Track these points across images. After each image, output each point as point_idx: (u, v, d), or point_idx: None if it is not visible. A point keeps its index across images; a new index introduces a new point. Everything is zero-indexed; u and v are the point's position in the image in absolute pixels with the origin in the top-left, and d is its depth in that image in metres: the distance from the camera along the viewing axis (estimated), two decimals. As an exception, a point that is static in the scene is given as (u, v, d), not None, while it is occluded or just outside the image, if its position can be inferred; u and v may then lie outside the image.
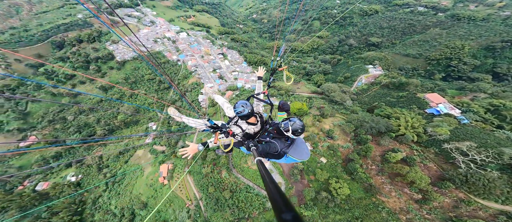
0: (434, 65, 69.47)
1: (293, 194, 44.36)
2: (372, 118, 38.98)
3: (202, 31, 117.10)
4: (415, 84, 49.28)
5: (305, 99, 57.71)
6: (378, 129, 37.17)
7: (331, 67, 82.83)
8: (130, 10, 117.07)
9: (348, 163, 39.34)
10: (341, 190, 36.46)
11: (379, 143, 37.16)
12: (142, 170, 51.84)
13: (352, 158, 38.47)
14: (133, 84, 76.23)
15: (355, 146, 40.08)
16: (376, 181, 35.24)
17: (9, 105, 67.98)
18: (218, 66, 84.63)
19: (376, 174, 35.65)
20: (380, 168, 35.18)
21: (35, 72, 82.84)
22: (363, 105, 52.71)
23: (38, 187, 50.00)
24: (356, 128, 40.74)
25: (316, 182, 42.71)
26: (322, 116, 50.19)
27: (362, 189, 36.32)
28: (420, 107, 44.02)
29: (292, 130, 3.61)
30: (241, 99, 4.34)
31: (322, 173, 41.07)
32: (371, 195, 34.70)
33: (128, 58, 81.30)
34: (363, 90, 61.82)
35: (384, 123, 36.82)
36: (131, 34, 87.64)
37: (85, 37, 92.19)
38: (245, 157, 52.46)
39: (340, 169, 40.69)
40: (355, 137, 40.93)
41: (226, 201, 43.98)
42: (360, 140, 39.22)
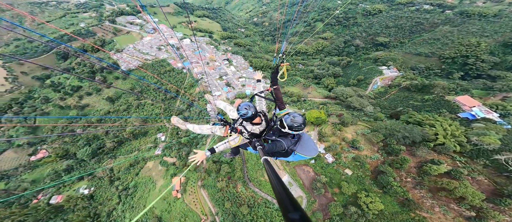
0: (449, 63, 66.26)
1: (316, 209, 40.71)
2: (404, 126, 35.43)
3: (205, 36, 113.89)
4: (442, 86, 45.74)
5: (321, 107, 54.13)
6: (412, 139, 33.58)
7: (341, 70, 79.39)
8: (133, 17, 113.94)
9: (378, 175, 35.80)
10: (373, 205, 32.92)
11: (414, 154, 33.62)
12: (154, 183, 49.66)
13: (383, 170, 34.89)
14: (139, 94, 73.60)
15: (385, 157, 36.48)
16: (414, 195, 31.61)
17: (18, 119, 67.16)
18: (224, 73, 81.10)
19: (413, 187, 32.05)
20: (418, 181, 31.55)
21: (42, 84, 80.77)
22: (384, 110, 49.15)
23: (52, 200, 49.28)
24: (385, 138, 37.13)
25: (341, 195, 39.24)
26: (343, 124, 46.64)
27: (397, 204, 32.74)
28: (451, 111, 40.58)
29: (288, 125, 3.51)
30: (244, 101, 4.22)
31: (348, 186, 37.57)
32: (408, 210, 31.11)
33: (133, 67, 78.13)
34: (380, 93, 58.35)
35: (419, 131, 33.26)
36: (134, 41, 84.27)
37: (89, 47, 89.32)
38: (261, 169, 49.11)
39: (368, 181, 37.16)
40: (384, 147, 37.36)
41: (244, 217, 41.00)
42: (391, 151, 35.62)
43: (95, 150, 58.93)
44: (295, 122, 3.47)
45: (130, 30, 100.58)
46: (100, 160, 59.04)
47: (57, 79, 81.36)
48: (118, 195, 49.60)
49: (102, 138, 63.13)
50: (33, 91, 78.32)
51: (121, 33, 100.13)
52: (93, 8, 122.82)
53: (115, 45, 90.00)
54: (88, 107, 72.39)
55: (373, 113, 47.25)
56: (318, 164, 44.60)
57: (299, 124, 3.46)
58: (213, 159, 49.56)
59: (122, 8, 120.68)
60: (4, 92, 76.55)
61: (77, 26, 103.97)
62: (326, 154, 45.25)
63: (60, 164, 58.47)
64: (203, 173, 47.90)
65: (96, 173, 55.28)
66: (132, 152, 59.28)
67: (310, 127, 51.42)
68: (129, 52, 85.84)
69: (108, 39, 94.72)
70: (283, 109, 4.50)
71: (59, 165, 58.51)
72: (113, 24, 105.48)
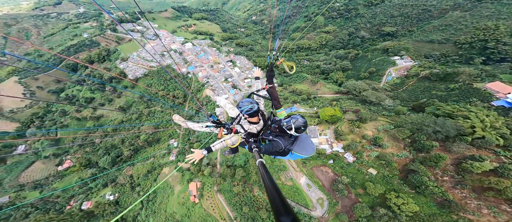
0: (466, 49, 62.07)
1: (339, 211, 37.77)
2: (433, 120, 32.03)
3: (206, 39, 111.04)
4: (468, 73, 41.78)
5: (334, 103, 50.85)
6: (445, 133, 30.22)
7: (350, 63, 75.70)
8: (132, 25, 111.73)
9: (409, 174, 32.57)
10: (406, 206, 29.78)
11: (450, 150, 30.28)
12: (172, 188, 50.69)
13: (414, 168, 31.65)
14: (148, 102, 72.64)
15: (414, 155, 33.20)
16: (454, 195, 28.34)
17: (41, 133, 70.37)
18: (229, 75, 78.25)
19: (452, 186, 28.77)
20: (458, 180, 28.24)
21: (57, 98, 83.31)
22: (404, 103, 45.60)
23: (83, 206, 52.42)
24: (413, 133, 33.82)
25: (366, 196, 36.28)
26: (361, 121, 43.35)
27: (434, 205, 29.54)
28: (482, 100, 36.90)
29: (295, 127, 3.52)
30: (245, 98, 4.14)
31: (374, 186, 34.51)
32: (449, 211, 27.88)
33: (140, 75, 76.98)
34: (397, 85, 54.67)
35: (453, 125, 29.85)
36: (138, 49, 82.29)
37: (95, 58, 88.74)
38: (277, 172, 46.60)
39: (397, 181, 33.98)
40: (412, 143, 34.05)
41: (263, 221, 39.33)
42: (421, 147, 32.33)
43: (114, 158, 61.38)
44: (301, 124, 3.50)
45: (132, 38, 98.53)
46: (120, 168, 61.46)
47: (71, 92, 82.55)
48: (141, 201, 50.81)
49: (119, 147, 64.78)
50: (51, 105, 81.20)
51: (123, 42, 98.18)
52: (93, 18, 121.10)
53: (120, 54, 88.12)
54: (102, 118, 73.45)
55: (393, 106, 43.75)
56: (337, 164, 41.62)
57: (303, 126, 3.51)
58: (227, 163, 48.67)
59: (120, 16, 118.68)
60: (25, 108, 79.52)
61: (80, 37, 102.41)
62: (345, 153, 42.14)
63: (85, 173, 61.22)
64: (218, 178, 46.96)
65: (118, 180, 57.65)
66: (148, 158, 60.63)
67: (325, 125, 48.31)
68: (134, 60, 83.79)
69: (112, 48, 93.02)
70: (280, 109, 4.47)
71: (84, 173, 61.34)
72: (115, 32, 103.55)
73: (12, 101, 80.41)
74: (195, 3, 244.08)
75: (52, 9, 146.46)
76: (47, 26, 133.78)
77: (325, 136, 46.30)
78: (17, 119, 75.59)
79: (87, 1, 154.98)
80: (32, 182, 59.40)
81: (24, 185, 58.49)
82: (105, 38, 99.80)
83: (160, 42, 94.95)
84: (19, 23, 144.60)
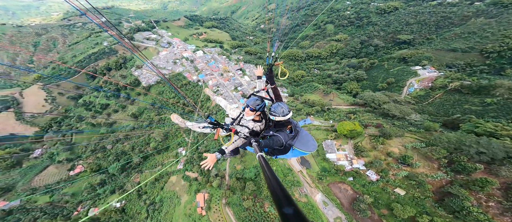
0: (495, 58, 57.07)
1: None
2: (475, 139, 28.07)
3: (216, 47, 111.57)
4: (508, 86, 37.12)
5: (353, 117, 47.38)
6: (491, 155, 26.13)
7: (365, 72, 72.12)
8: (148, 33, 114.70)
9: (445, 197, 28.33)
10: None
11: (496, 173, 26.04)
12: (179, 198, 49.48)
13: (452, 191, 27.43)
14: (159, 109, 73.15)
15: (452, 176, 29.03)
16: None
17: (57, 138, 72.34)
18: (239, 84, 76.79)
19: (500, 213, 24.41)
20: (507, 207, 23.89)
21: (76, 104, 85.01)
22: (433, 118, 41.39)
23: (90, 213, 52.53)
24: (450, 153, 29.81)
25: (392, 218, 32.05)
26: (385, 137, 39.57)
27: None
28: (528, 117, 32.50)
29: (273, 110, 3.70)
30: (251, 97, 4.23)
31: (403, 208, 30.38)
32: None
33: (152, 83, 78.08)
34: (421, 97, 50.44)
35: (500, 145, 25.79)
36: (151, 57, 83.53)
37: (113, 65, 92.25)
38: (290, 187, 43.34)
39: (430, 203, 29.70)
40: (449, 164, 29.95)
41: None
42: (461, 169, 28.20)
43: (123, 165, 61.65)
44: (277, 108, 3.67)
45: (147, 46, 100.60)
46: (129, 174, 60.55)
47: (88, 98, 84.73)
48: (146, 209, 50.20)
49: (129, 153, 64.70)
50: (69, 111, 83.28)
51: (140, 49, 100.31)
52: (112, 27, 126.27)
53: (136, 62, 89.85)
54: (115, 124, 74.95)
55: (421, 121, 39.68)
56: (358, 181, 37.85)
57: (282, 111, 3.64)
58: (237, 175, 46.64)
59: (138, 25, 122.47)
60: (47, 112, 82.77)
61: (101, 45, 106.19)
62: (367, 170, 38.29)
63: (95, 178, 61.10)
64: (227, 191, 44.63)
65: (126, 187, 57.51)
66: (156, 166, 59.87)
67: (343, 140, 44.78)
68: (148, 68, 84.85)
69: (129, 56, 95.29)
70: None
71: (94, 179, 61.21)
72: (132, 40, 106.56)
73: (34, 106, 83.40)
74: (206, 12, 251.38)
75: (78, 19, 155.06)
76: (72, 35, 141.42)
77: (343, 151, 42.78)
78: (37, 123, 77.83)
79: (108, 11, 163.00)
80: (44, 186, 59.81)
81: (36, 188, 58.83)
82: (123, 46, 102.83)
83: (173, 51, 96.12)
84: (48, 33, 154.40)
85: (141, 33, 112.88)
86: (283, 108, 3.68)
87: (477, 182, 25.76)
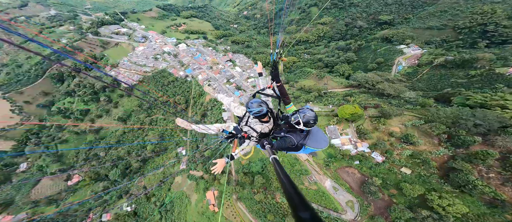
0: (466, 33, 60.27)
1: (373, 213, 34.67)
2: (471, 112, 28.90)
3: (199, 38, 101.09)
4: (488, 58, 39.19)
5: (352, 100, 46.79)
6: (487, 126, 27.19)
7: (354, 54, 71.74)
8: (116, 27, 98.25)
9: (450, 172, 29.64)
10: (452, 207, 26.84)
11: (493, 144, 27.41)
12: (188, 198, 48.70)
13: (456, 166, 28.64)
14: (148, 110, 65.65)
15: (453, 151, 30.20)
16: (504, 193, 25.68)
17: (40, 149, 64.91)
18: (231, 76, 71.22)
19: (501, 184, 26.07)
20: (507, 177, 25.50)
21: (49, 112, 73.21)
22: (424, 94, 42.56)
23: (103, 219, 51.72)
24: (449, 128, 30.65)
25: (402, 197, 33.10)
26: (384, 117, 39.77)
27: (483, 204, 26.80)
28: (509, 85, 34.48)
29: (304, 122, 3.37)
30: (253, 99, 3.90)
31: (412, 187, 31.22)
32: (502, 211, 25.21)
33: (134, 82, 68.14)
34: (410, 74, 51.57)
35: (495, 116, 26.83)
36: (127, 53, 71.71)
37: (81, 65, 77.86)
38: (299, 177, 42.68)
39: (436, 180, 31.03)
40: (449, 139, 30.98)
41: None
42: (461, 143, 29.27)
43: (123, 170, 59.12)
44: (310, 118, 3.35)
45: (118, 42, 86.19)
46: (131, 179, 58.80)
47: (62, 105, 73.23)
48: (159, 211, 49.64)
49: (126, 158, 61.45)
50: (44, 120, 72.54)
51: (110, 46, 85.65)
52: (68, 21, 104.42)
53: (108, 60, 76.78)
54: (102, 130, 67.60)
55: (415, 98, 40.45)
56: (364, 164, 38.15)
57: (313, 120, 3.37)
58: (244, 170, 45.33)
59: (101, 18, 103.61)
60: (16, 125, 71.41)
61: (59, 43, 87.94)
62: (372, 152, 38.65)
63: (97, 186, 58.70)
64: (236, 186, 43.35)
65: (132, 191, 55.73)
66: (158, 168, 57.02)
67: (345, 124, 44.38)
68: (125, 66, 73.25)
69: (98, 54, 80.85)
70: (289, 104, 4.27)
71: (96, 187, 58.82)
72: (97, 36, 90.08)
73: (1, 119, 71.18)
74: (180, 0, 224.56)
75: (19, 12, 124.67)
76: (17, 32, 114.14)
77: (346, 135, 42.43)
78: (11, 137, 67.64)
79: (57, 2, 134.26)
80: (45, 198, 57.04)
81: (38, 201, 56.00)
82: (88, 43, 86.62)
83: (151, 45, 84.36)
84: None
85: (108, 27, 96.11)
86: (310, 118, 3.34)
87: (478, 155, 26.89)
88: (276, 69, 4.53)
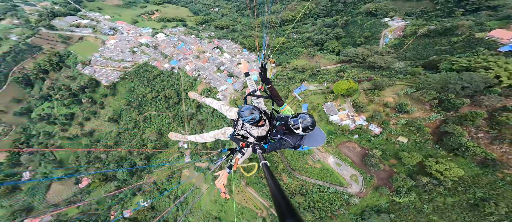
0: (443, 3, 61.92)
1: (377, 184, 36.24)
2: (458, 76, 30.32)
3: (178, 26, 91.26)
4: (468, 25, 40.88)
5: (346, 75, 46.79)
6: (474, 88, 28.92)
7: (342, 30, 70.75)
8: (74, 18, 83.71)
9: (442, 137, 31.56)
10: (449, 171, 28.25)
11: (480, 105, 29.42)
12: (199, 188, 50.52)
13: (448, 130, 30.40)
14: (139, 107, 61.07)
15: (444, 115, 32.06)
16: (493, 152, 27.50)
17: (38, 158, 61.80)
18: (220, 63, 66.70)
19: (489, 143, 28.11)
20: (494, 136, 27.61)
21: (30, 120, 65.41)
22: (412, 63, 43.87)
23: (125, 215, 53.21)
24: (439, 93, 32.18)
25: (401, 166, 34.39)
26: (378, 88, 40.59)
27: (475, 165, 28.56)
28: (489, 48, 36.57)
29: (303, 127, 3.35)
30: (244, 106, 3.70)
31: (410, 155, 32.29)
32: (493, 170, 27.24)
33: (116, 80, 60.71)
34: (396, 46, 52.47)
35: (480, 77, 28.46)
36: (97, 49, 63.48)
37: (46, 65, 66.87)
38: (303, 157, 43.56)
39: (431, 146, 32.84)
40: (439, 103, 32.68)
41: (300, 205, 38.21)
42: (451, 106, 31.06)
43: (130, 169, 59.84)
44: (309, 124, 3.36)
45: (82, 35, 73.97)
46: (140, 177, 58.68)
47: (42, 111, 65.64)
48: (174, 203, 51.09)
49: (129, 158, 60.63)
50: (27, 128, 65.45)
51: (73, 41, 73.26)
52: (8, 12, 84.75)
53: (77, 57, 66.23)
54: (96, 132, 63.47)
55: (404, 68, 41.58)
56: (363, 137, 39.33)
57: (312, 126, 3.38)
58: (249, 157, 47.19)
59: (49, 8, 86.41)
60: (1, 136, 65.19)
61: (9, 41, 72.64)
62: (369, 125, 39.95)
63: (109, 186, 59.27)
64: (242, 172, 43.99)
65: (144, 188, 56.81)
66: (163, 164, 57.68)
67: (341, 100, 44.76)
68: (99, 63, 63.96)
69: (62, 51, 69.10)
70: (282, 105, 4.31)
71: (108, 186, 59.34)
72: (53, 30, 75.99)
73: None
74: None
75: None
76: None
77: (343, 110, 42.96)
78: None
79: None
80: (63, 200, 58.29)
81: (58, 204, 57.19)
82: (45, 39, 72.98)
83: (124, 38, 74.20)
84: None
85: (63, 19, 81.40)
86: (309, 124, 3.31)
87: (468, 116, 28.70)
88: (265, 72, 4.44)
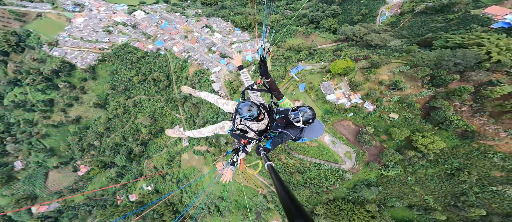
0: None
1: (368, 160, 38.72)
2: (452, 53, 30.53)
3: (159, 2, 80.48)
4: (465, 2, 39.84)
5: (343, 54, 45.60)
6: (466, 64, 29.52)
7: (339, 7, 66.81)
8: None
9: (430, 111, 33.13)
10: (433, 145, 30.29)
11: (468, 80, 30.46)
12: (200, 172, 50.42)
13: (436, 105, 31.84)
14: (126, 92, 57.48)
15: (434, 91, 33.12)
16: (473, 124, 29.34)
17: (27, 147, 59.12)
18: (211, 43, 61.67)
19: (471, 115, 29.93)
20: (476, 109, 29.35)
21: (4, 107, 59.58)
22: (407, 40, 43.37)
23: (131, 198, 54.03)
24: (432, 70, 32.66)
25: (391, 141, 36.35)
26: (374, 67, 40.37)
27: (456, 137, 30.60)
28: (482, 25, 36.55)
29: (303, 120, 3.37)
30: (242, 102, 3.66)
31: (400, 131, 33.82)
32: (470, 141, 29.29)
33: (94, 62, 54.58)
34: (393, 23, 51.02)
35: (472, 54, 28.91)
36: (63, 28, 55.76)
37: (4, 46, 58.57)
38: (300, 137, 44.72)
39: (419, 121, 34.61)
40: (431, 80, 33.43)
41: (298, 183, 40.58)
42: (441, 82, 31.94)
43: (127, 155, 58.53)
44: (309, 117, 3.37)
45: (41, 12, 62.68)
46: (139, 162, 58.26)
47: (14, 97, 59.59)
48: (178, 187, 51.58)
49: (124, 144, 58.43)
50: (3, 117, 60.81)
51: (30, 19, 62.25)
52: None
53: (39, 37, 57.20)
54: (83, 119, 60.49)
55: (400, 46, 41.12)
56: (357, 115, 40.40)
57: (312, 119, 3.38)
58: None
59: None
60: None
61: None
62: (364, 102, 40.73)
63: (109, 172, 58.76)
64: (249, 172, 45.97)
65: (145, 174, 56.70)
66: (161, 149, 56.32)
67: (338, 79, 44.40)
68: (69, 44, 56.03)
69: (19, 30, 59.03)
70: (281, 99, 4.22)
71: (109, 173, 58.80)
72: (1, 5, 63.28)
73: None
74: None
75: None
76: None
77: (340, 89, 42.99)
78: None
79: None
80: (65, 188, 57.87)
81: (61, 191, 56.93)
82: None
83: (94, 15, 64.47)
84: None
85: None
86: (309, 117, 3.35)
87: (456, 91, 29.77)
88: (264, 65, 4.33)
